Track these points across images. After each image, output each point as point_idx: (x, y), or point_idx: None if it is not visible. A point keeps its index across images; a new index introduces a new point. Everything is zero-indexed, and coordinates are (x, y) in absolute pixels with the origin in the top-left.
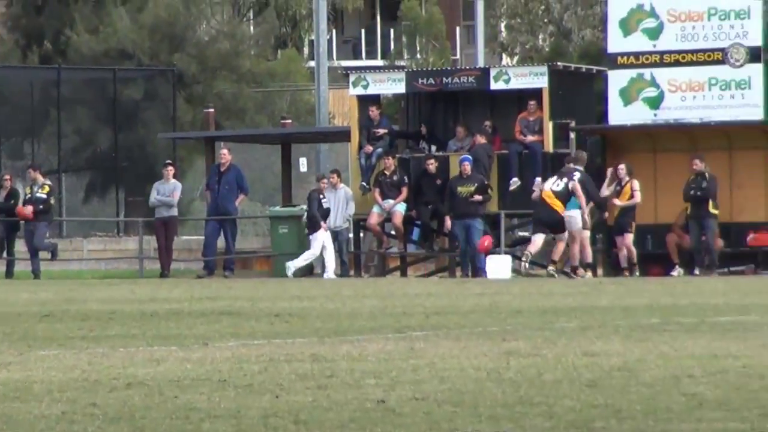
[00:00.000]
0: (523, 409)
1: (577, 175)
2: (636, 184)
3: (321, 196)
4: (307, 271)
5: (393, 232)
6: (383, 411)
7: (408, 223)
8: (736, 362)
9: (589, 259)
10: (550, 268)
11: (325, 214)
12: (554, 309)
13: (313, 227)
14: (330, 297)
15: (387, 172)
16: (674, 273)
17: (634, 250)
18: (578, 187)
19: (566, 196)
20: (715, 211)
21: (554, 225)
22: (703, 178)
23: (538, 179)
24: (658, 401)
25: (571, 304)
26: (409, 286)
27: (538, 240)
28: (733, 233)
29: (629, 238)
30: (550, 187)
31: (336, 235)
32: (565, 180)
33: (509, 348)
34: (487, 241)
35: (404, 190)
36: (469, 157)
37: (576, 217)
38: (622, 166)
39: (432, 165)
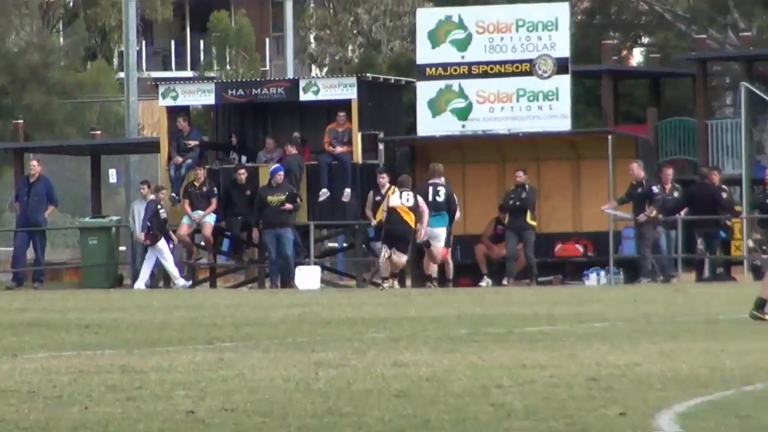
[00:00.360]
0: (333, 420)
1: (443, 190)
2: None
3: (159, 206)
4: (117, 281)
5: (203, 243)
6: (192, 422)
7: (218, 234)
8: (543, 372)
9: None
10: (386, 284)
11: (162, 224)
12: (364, 319)
13: (155, 238)
14: (140, 308)
15: (197, 183)
16: (483, 283)
17: (450, 262)
18: (423, 203)
19: (417, 211)
20: (533, 223)
21: (403, 239)
22: (524, 189)
23: (348, 190)
24: (466, 411)
25: (380, 315)
26: (218, 296)
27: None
28: (542, 244)
29: (444, 249)
30: (401, 202)
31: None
32: (410, 194)
33: (318, 359)
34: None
35: (214, 202)
36: (281, 166)
37: (441, 234)
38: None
39: (242, 176)
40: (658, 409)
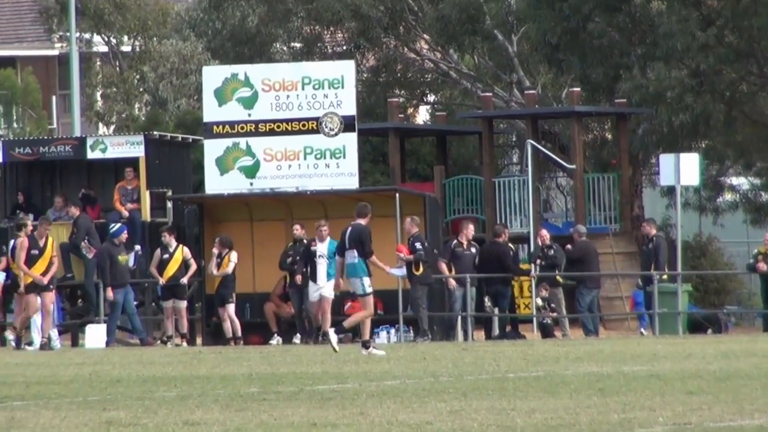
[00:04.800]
0: None
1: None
2: (234, 255)
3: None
4: None
5: None
6: None
7: (6, 292)
8: (335, 430)
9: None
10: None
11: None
12: (154, 378)
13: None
14: None
15: None
16: (273, 341)
17: (237, 320)
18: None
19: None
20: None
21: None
22: (301, 244)
23: (138, 247)
24: None
25: (170, 373)
26: (8, 355)
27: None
28: (331, 302)
29: (231, 308)
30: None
31: None
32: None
33: (110, 417)
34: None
35: (3, 260)
36: (124, 227)
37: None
38: (217, 240)
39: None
40: None
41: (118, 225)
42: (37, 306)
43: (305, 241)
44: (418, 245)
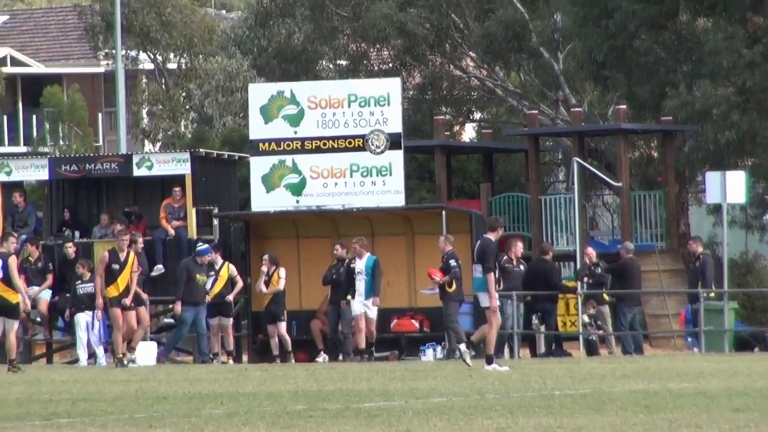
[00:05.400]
0: None
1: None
2: (282, 272)
3: (78, 282)
4: None
5: (39, 319)
6: None
7: (54, 309)
8: None
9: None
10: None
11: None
12: (200, 395)
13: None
14: None
15: (31, 259)
16: (319, 359)
17: (287, 337)
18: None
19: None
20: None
21: None
22: (342, 262)
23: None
24: None
25: (217, 390)
26: (55, 372)
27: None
28: (378, 319)
29: (283, 326)
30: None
31: None
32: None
33: None
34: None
35: (49, 277)
36: (209, 248)
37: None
38: (265, 257)
39: (70, 249)
40: None
41: (205, 245)
42: (121, 321)
43: (347, 260)
44: (452, 263)
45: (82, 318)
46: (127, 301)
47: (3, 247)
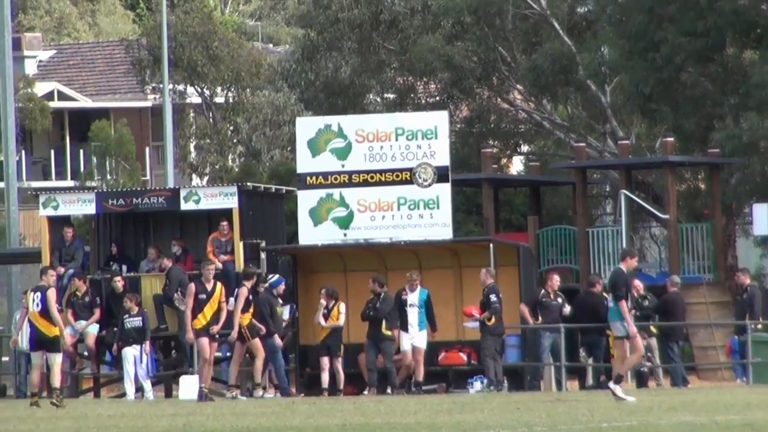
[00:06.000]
0: None
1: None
2: (342, 307)
3: (125, 316)
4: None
5: (86, 353)
6: None
7: (101, 343)
8: None
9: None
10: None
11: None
12: (248, 428)
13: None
14: (23, 419)
15: (79, 293)
16: (366, 392)
17: (342, 373)
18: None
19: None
20: (388, 333)
21: None
22: (378, 298)
23: (232, 299)
24: None
25: (264, 424)
26: (102, 407)
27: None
28: (425, 352)
29: (339, 361)
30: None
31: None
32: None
33: None
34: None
35: (96, 311)
36: (282, 279)
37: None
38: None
39: (118, 284)
40: None
41: (276, 276)
42: (208, 352)
43: (382, 294)
44: (492, 297)
45: (130, 352)
46: (215, 328)
47: (43, 281)
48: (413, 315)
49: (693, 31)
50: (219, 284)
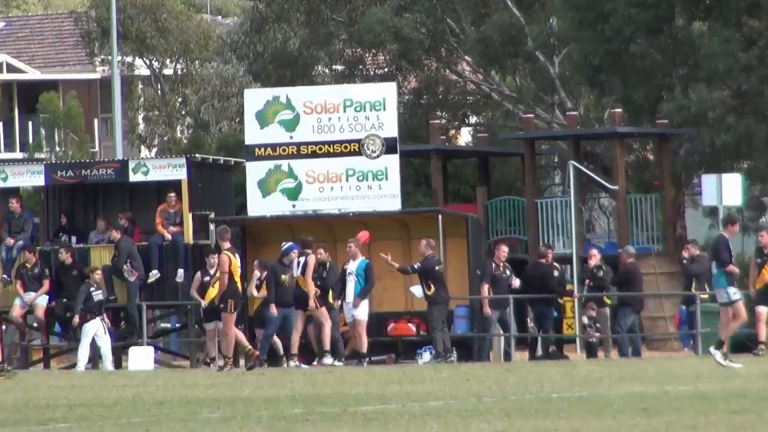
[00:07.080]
0: None
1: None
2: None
3: (92, 288)
4: None
5: (36, 324)
6: None
7: (51, 314)
8: None
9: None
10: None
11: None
12: (198, 400)
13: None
14: None
15: (28, 265)
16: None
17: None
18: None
19: None
20: (333, 302)
21: None
22: (324, 268)
23: (181, 271)
24: None
25: (214, 395)
26: (52, 378)
27: None
28: (374, 323)
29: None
30: None
31: None
32: None
33: None
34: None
35: (46, 283)
36: (294, 245)
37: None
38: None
39: (65, 255)
40: None
41: (290, 243)
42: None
43: (328, 264)
44: (416, 265)
45: (92, 326)
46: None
47: None
48: (350, 283)
49: (642, 2)
50: (219, 256)
